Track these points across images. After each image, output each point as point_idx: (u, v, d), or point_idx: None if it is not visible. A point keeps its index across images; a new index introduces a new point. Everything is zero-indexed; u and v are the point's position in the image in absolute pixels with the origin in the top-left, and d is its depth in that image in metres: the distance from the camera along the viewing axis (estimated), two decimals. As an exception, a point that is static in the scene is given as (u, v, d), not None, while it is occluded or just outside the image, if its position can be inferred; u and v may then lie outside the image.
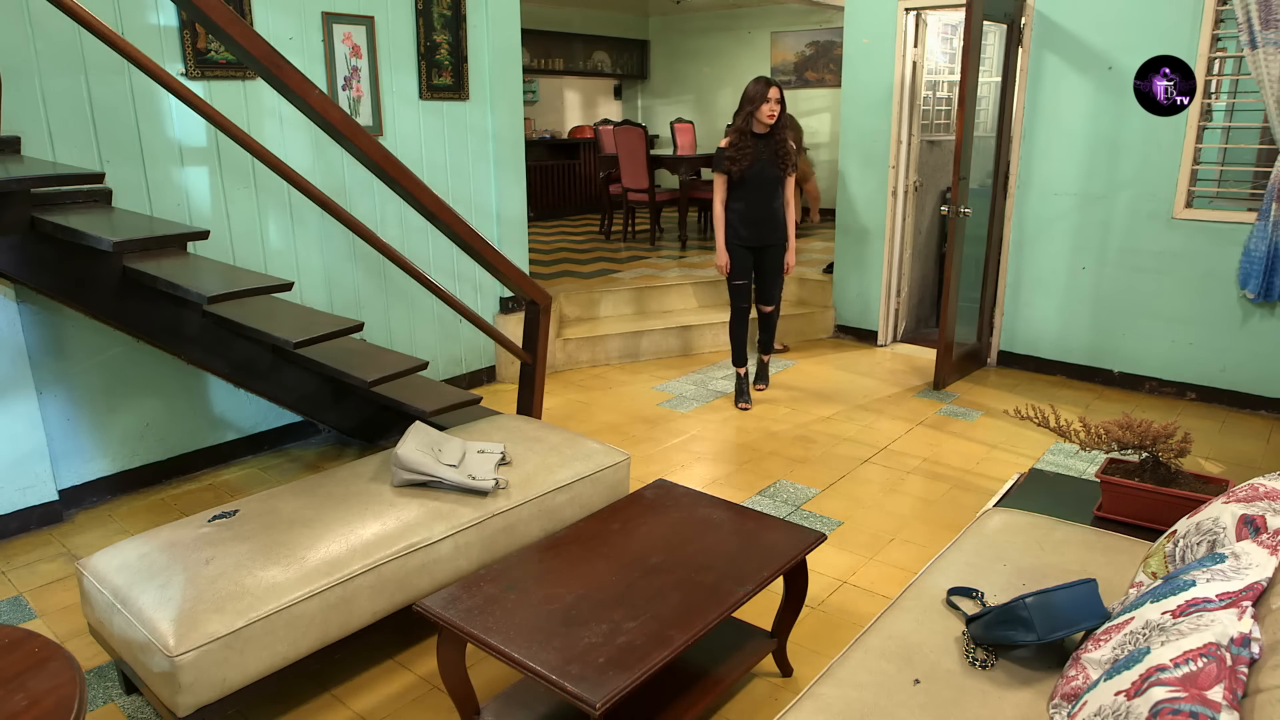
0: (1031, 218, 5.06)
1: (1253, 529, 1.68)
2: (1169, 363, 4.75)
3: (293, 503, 2.48)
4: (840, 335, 6.07)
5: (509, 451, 2.86)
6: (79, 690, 1.55)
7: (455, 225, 3.13)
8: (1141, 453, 2.46)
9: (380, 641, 2.55)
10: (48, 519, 3.34)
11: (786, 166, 4.39)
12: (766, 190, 4.38)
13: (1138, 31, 4.50)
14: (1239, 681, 1.24)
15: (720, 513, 2.50)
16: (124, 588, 2.13)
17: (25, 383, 3.19)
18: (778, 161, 4.36)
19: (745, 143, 4.28)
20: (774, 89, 4.23)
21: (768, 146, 4.33)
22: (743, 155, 4.29)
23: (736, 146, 4.30)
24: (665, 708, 2.11)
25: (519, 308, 4.89)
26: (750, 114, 4.26)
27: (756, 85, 4.25)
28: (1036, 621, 1.70)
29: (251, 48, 2.43)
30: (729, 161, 4.32)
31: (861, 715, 1.61)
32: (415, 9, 4.28)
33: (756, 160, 4.31)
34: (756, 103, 4.22)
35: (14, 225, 2.71)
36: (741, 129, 4.30)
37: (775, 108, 4.23)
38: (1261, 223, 4.23)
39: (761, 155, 4.32)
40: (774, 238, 4.47)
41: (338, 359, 3.30)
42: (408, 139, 4.36)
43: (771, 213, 4.43)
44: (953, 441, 4.17)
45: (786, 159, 4.37)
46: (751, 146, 4.29)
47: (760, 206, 4.40)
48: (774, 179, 4.38)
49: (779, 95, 4.25)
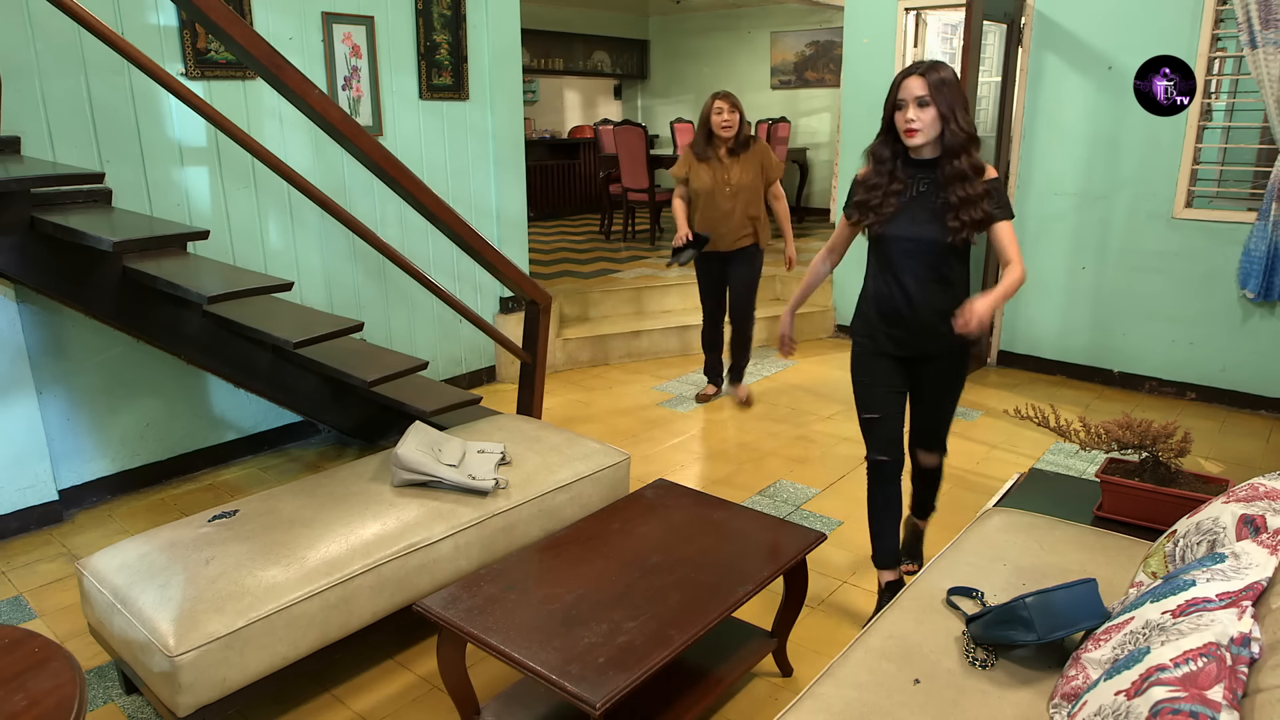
0: (1031, 217, 5.06)
1: (1253, 529, 1.68)
2: (1169, 362, 4.75)
3: (293, 503, 2.48)
4: (840, 335, 6.07)
5: (509, 451, 2.86)
6: (79, 690, 1.55)
7: (455, 225, 3.13)
8: (1141, 453, 2.45)
9: (380, 641, 2.55)
10: (48, 519, 3.34)
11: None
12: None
13: (1138, 31, 4.50)
14: (1239, 681, 1.24)
15: (720, 513, 2.50)
16: (124, 588, 2.13)
17: (25, 383, 3.19)
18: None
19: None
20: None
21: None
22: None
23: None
24: (665, 708, 2.11)
25: (519, 308, 4.89)
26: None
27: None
28: (1036, 621, 1.70)
29: (251, 48, 2.43)
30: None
31: (862, 715, 1.61)
32: (415, 9, 4.28)
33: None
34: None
35: (14, 225, 2.71)
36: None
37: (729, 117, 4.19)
38: (1261, 222, 4.22)
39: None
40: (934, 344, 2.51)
41: (337, 359, 3.30)
42: (407, 139, 4.36)
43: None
44: (952, 441, 4.13)
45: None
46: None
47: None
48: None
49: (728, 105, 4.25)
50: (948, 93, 2.26)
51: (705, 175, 4.24)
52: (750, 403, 4.70)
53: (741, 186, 4.22)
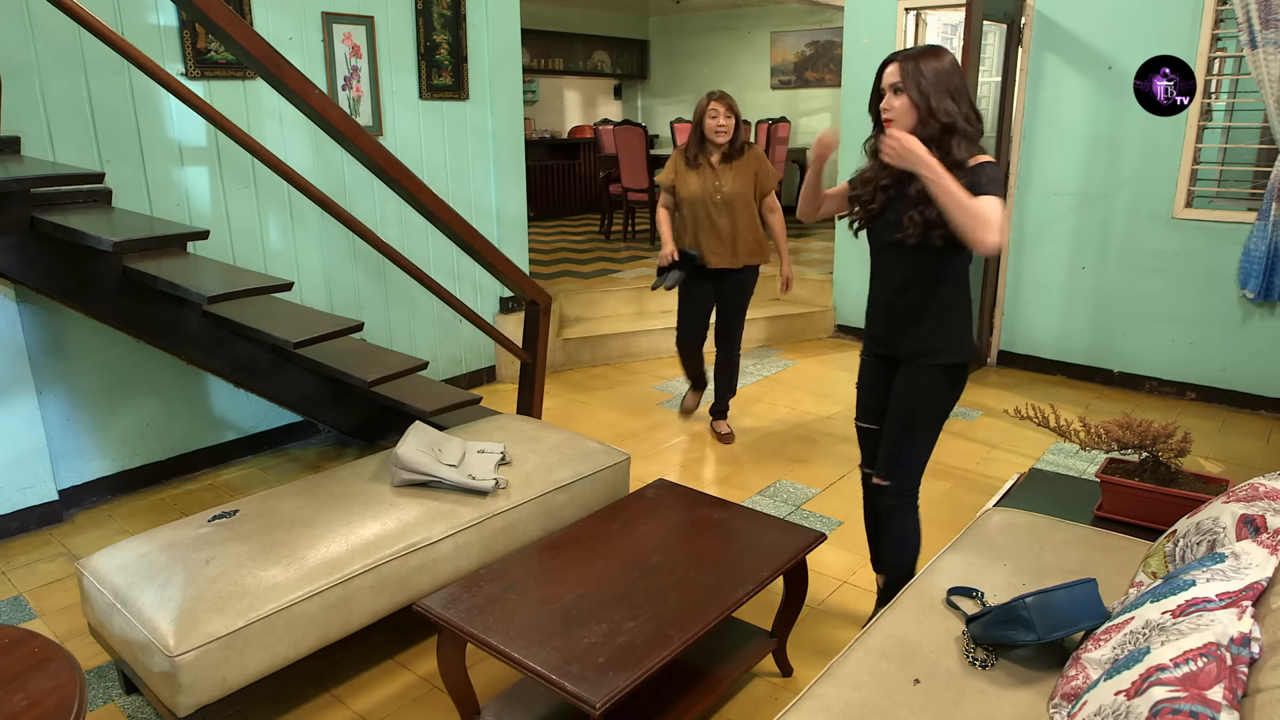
0: (1031, 217, 5.06)
1: (1252, 529, 1.68)
2: (1169, 362, 4.75)
3: (293, 503, 2.48)
4: (840, 335, 6.07)
5: (509, 451, 2.85)
6: (79, 690, 1.55)
7: (455, 225, 3.13)
8: (1141, 453, 2.45)
9: (380, 641, 2.55)
10: (48, 519, 3.34)
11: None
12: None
13: (1138, 31, 4.50)
14: (1239, 681, 1.24)
15: (720, 513, 2.50)
16: (124, 588, 2.13)
17: (25, 383, 3.19)
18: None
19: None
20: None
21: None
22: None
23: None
24: (665, 708, 2.11)
25: (519, 308, 4.89)
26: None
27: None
28: (1036, 621, 1.70)
29: (251, 48, 2.43)
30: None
31: (862, 715, 1.61)
32: (415, 9, 4.28)
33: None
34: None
35: (14, 225, 2.71)
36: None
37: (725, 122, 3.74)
38: (1261, 222, 4.22)
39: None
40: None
41: (337, 359, 3.30)
42: (407, 139, 4.36)
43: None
44: (953, 441, 4.16)
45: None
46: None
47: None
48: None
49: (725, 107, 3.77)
50: (924, 79, 2.09)
51: (694, 183, 3.83)
52: (732, 439, 4.21)
53: (733, 196, 3.81)
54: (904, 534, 2.44)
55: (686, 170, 3.86)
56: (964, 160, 2.09)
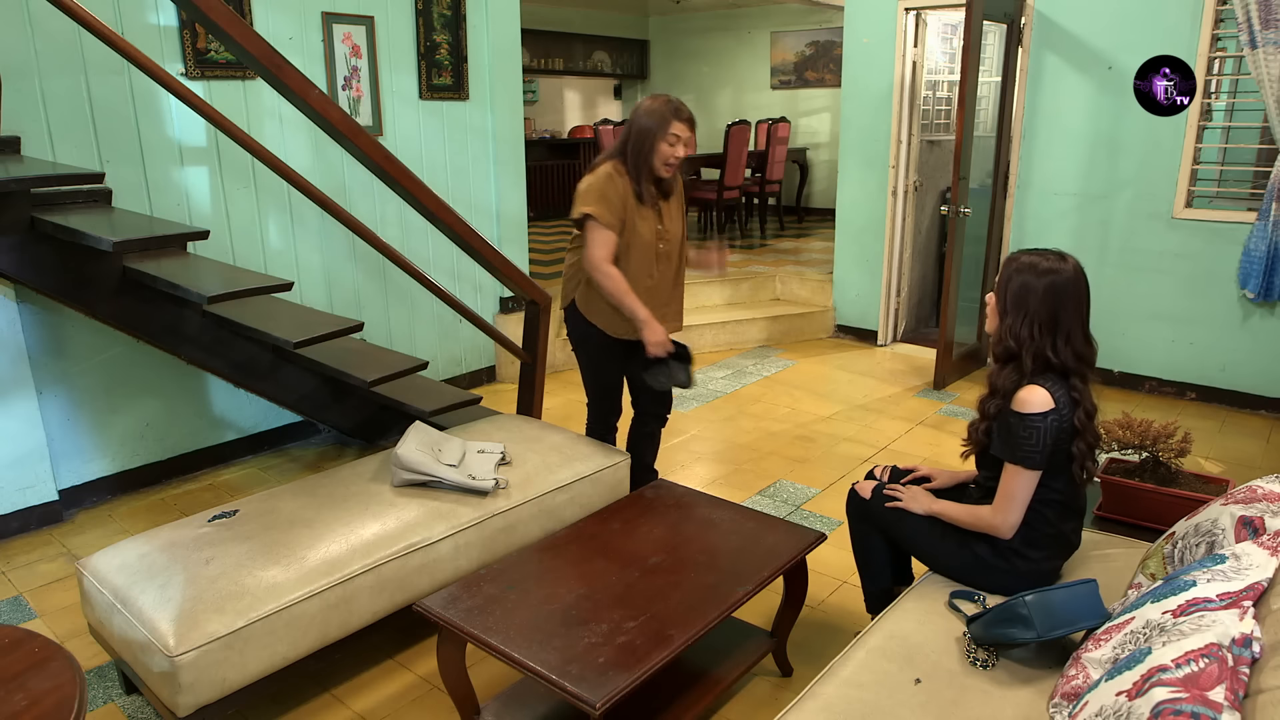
0: (1031, 218, 5.06)
1: (1251, 530, 1.68)
2: (1169, 362, 4.75)
3: (293, 503, 2.48)
4: (840, 335, 6.07)
5: (509, 451, 2.85)
6: (79, 690, 1.55)
7: (455, 225, 3.12)
8: (1141, 452, 2.46)
9: (380, 641, 2.55)
10: (48, 519, 3.33)
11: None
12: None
13: (1138, 31, 4.50)
14: (1240, 682, 1.24)
15: (720, 513, 2.50)
16: (124, 588, 2.13)
17: (25, 383, 3.18)
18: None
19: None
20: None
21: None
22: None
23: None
24: (665, 707, 2.11)
25: (519, 308, 4.89)
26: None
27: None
28: (1036, 619, 1.70)
29: (251, 48, 2.43)
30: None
31: (862, 714, 1.61)
32: (415, 9, 4.28)
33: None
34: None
35: (14, 225, 2.71)
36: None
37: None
38: (1261, 222, 4.22)
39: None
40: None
41: (337, 359, 3.30)
42: (408, 139, 4.36)
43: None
44: (953, 441, 4.16)
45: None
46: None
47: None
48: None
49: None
50: (1009, 291, 2.13)
51: (642, 226, 2.85)
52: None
53: (676, 242, 2.98)
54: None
55: (638, 207, 2.84)
56: (1010, 389, 1.98)
